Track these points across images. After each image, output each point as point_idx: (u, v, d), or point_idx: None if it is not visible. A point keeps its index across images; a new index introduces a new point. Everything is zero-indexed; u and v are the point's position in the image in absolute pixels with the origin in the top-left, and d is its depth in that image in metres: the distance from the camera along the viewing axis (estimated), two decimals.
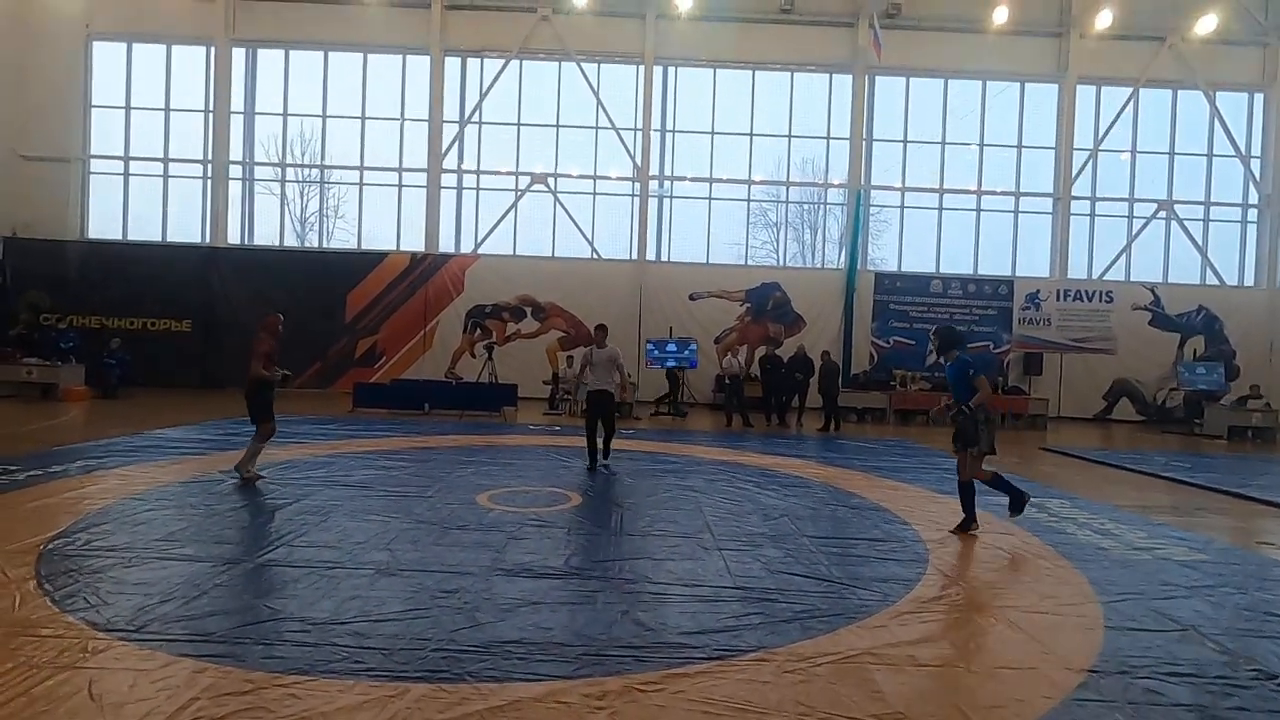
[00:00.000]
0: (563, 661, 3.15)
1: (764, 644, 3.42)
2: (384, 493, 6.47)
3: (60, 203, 17.55)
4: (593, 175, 18.23)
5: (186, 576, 4.06)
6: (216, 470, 7.18)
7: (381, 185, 18.32)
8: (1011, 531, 5.83)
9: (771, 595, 4.11)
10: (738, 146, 18.35)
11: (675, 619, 3.71)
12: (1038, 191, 18.34)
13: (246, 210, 18.33)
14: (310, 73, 18.12)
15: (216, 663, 3.01)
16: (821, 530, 5.74)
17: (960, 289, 17.70)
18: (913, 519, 6.19)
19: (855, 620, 3.78)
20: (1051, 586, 4.47)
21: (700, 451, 9.87)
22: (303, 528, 5.21)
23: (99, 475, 6.72)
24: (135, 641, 3.19)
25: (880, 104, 18.36)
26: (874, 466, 9.08)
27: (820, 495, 7.17)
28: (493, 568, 4.43)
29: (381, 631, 3.41)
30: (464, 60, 18.13)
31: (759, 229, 18.91)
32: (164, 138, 18.03)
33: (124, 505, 5.63)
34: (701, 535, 5.40)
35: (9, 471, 6.63)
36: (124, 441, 8.75)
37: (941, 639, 3.56)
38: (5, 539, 4.60)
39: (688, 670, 3.11)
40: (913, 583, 4.43)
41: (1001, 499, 6.16)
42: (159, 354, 16.63)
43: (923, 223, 18.60)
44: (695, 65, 18.12)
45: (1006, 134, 18.33)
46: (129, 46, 17.93)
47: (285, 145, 18.38)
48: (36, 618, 3.40)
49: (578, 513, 6.04)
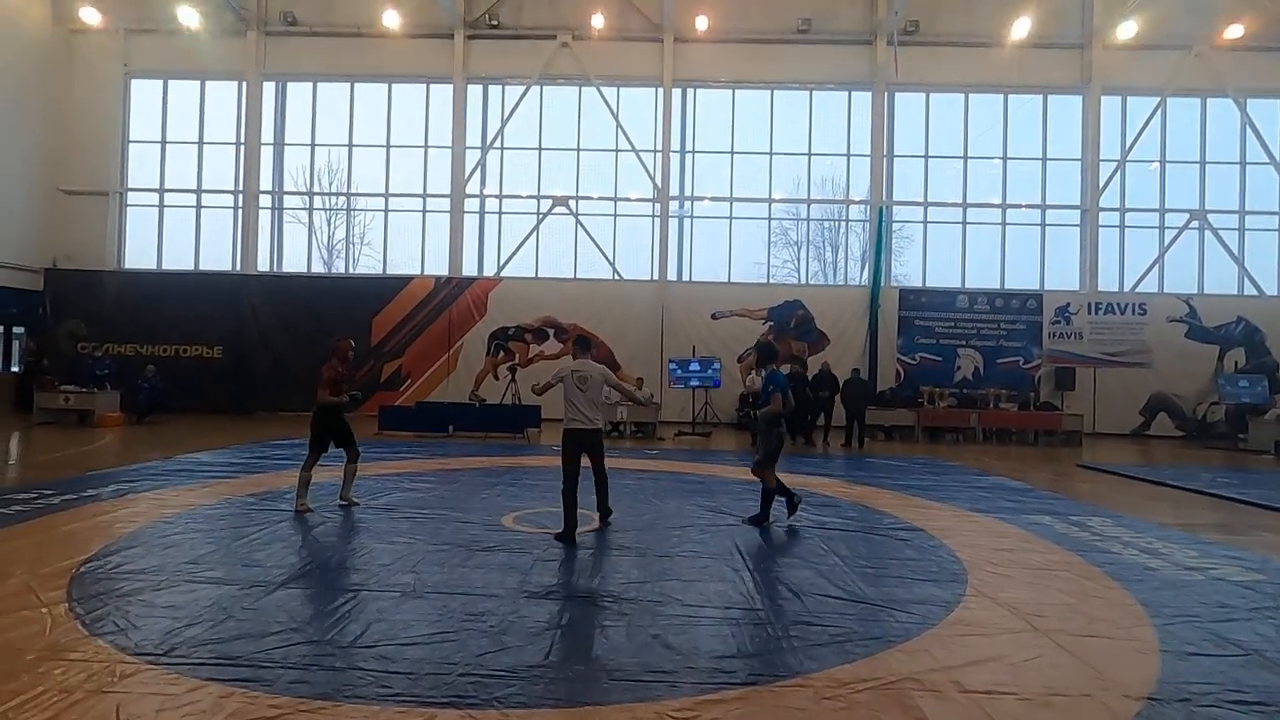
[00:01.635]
0: (593, 687, 3.07)
1: (800, 668, 3.30)
2: (410, 515, 6.44)
3: (98, 234, 18.11)
4: (613, 197, 18.36)
5: (214, 599, 4.05)
6: (244, 493, 7.22)
7: (406, 211, 18.63)
8: (1054, 551, 5.63)
9: (805, 618, 3.98)
10: (757, 166, 18.37)
11: (707, 643, 3.60)
12: (1064, 204, 18.06)
13: (276, 238, 18.73)
14: (337, 104, 18.58)
15: (243, 687, 2.98)
16: (854, 550, 5.59)
17: (987, 303, 17.40)
18: (948, 538, 5.99)
19: (894, 644, 3.63)
20: (1100, 608, 4.28)
21: (725, 471, 9.72)
22: (329, 550, 5.20)
23: (131, 499, 6.80)
24: (163, 665, 3.17)
25: (900, 120, 18.30)
26: (904, 485, 8.87)
27: (850, 514, 7.00)
28: (520, 590, 4.36)
29: (407, 655, 3.35)
30: (486, 87, 18.47)
31: (780, 247, 18.84)
32: (197, 170, 18.57)
33: (154, 528, 5.67)
34: (730, 556, 5.28)
35: (45, 496, 6.74)
36: (156, 465, 8.87)
37: (987, 663, 3.40)
38: (39, 562, 4.64)
39: (722, 696, 3.00)
40: (952, 604, 4.27)
41: (1041, 518, 5.98)
42: (191, 380, 16.94)
43: (947, 238, 18.39)
44: (714, 86, 18.26)
45: (1030, 147, 18.14)
46: (165, 84, 18.57)
47: (313, 174, 18.81)
48: (67, 641, 3.41)
49: (604, 534, 5.95)
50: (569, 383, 5.77)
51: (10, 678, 3.00)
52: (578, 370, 5.81)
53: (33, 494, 6.81)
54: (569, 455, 5.80)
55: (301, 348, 17.39)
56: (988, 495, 8.25)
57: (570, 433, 5.83)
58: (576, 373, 5.80)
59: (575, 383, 5.76)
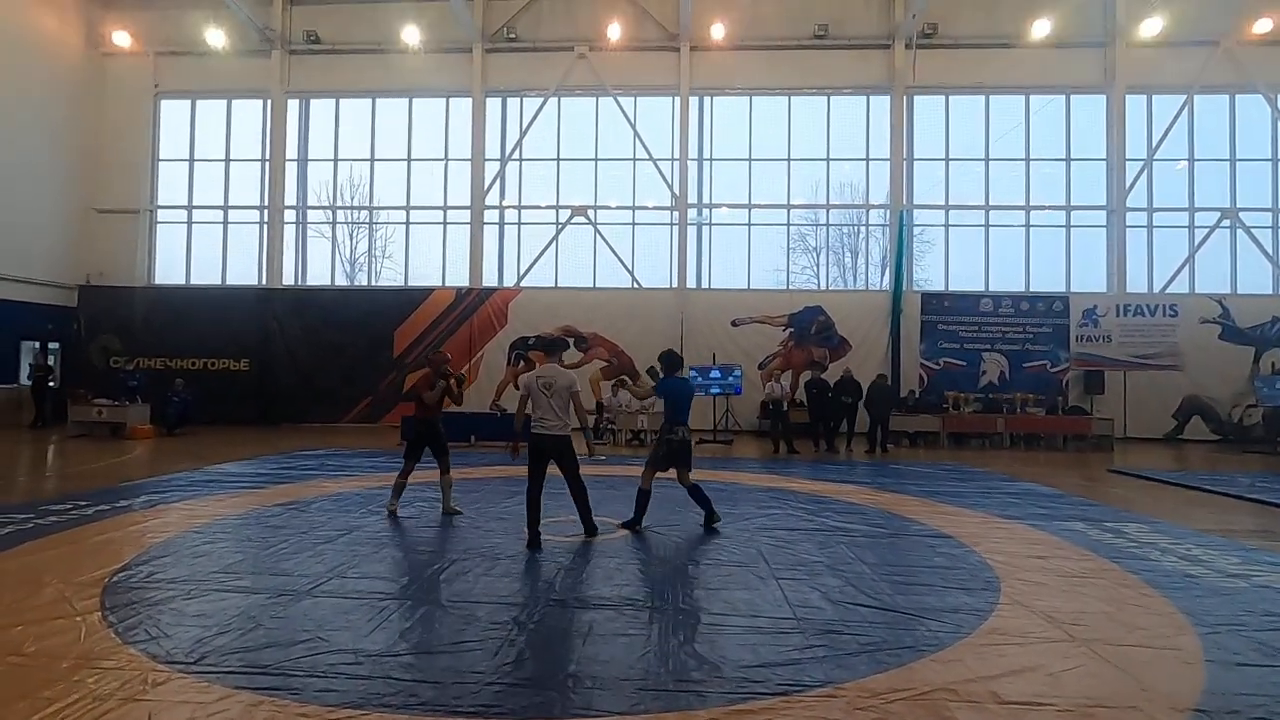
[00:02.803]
0: (619, 696, 3.03)
1: (830, 678, 3.24)
2: (434, 524, 6.47)
3: (129, 252, 18.54)
4: (631, 206, 18.41)
5: (243, 608, 4.09)
6: (272, 503, 7.30)
7: (427, 223, 18.83)
8: (1089, 558, 5.48)
9: (834, 627, 3.91)
10: (775, 172, 18.31)
11: (734, 651, 3.55)
12: (1090, 205, 17.76)
13: (300, 252, 19.04)
14: (359, 119, 18.89)
15: (271, 695, 2.99)
16: (882, 558, 5.49)
17: (1012, 306, 17.13)
18: (978, 545, 5.87)
19: (927, 653, 3.55)
20: (1140, 616, 4.15)
21: (748, 479, 9.65)
22: (355, 559, 5.23)
23: (162, 509, 6.90)
24: (194, 674, 3.19)
25: (920, 123, 18.15)
26: (931, 491, 8.72)
27: (877, 521, 6.89)
28: (545, 599, 4.35)
29: (434, 664, 3.35)
30: (504, 100, 18.67)
31: (799, 254, 18.73)
32: (224, 186, 18.97)
33: (185, 538, 5.75)
34: (755, 564, 5.22)
35: (79, 507, 6.87)
36: (186, 476, 9.01)
37: (1024, 674, 3.31)
38: (74, 572, 4.72)
39: (751, 706, 2.95)
40: (986, 613, 4.17)
41: (1074, 525, 5.84)
42: (219, 392, 17.24)
43: (969, 241, 18.16)
44: (730, 94, 18.27)
45: (1053, 147, 17.88)
46: (193, 103, 19.02)
47: (336, 189, 19.12)
48: (100, 649, 3.45)
49: (628, 542, 5.92)
50: (535, 389, 5.75)
51: (46, 685, 3.05)
52: (543, 377, 5.80)
53: (68, 505, 6.95)
54: (533, 460, 5.76)
55: (326, 360, 17.67)
56: (1017, 501, 8.08)
57: (534, 437, 5.77)
58: (541, 378, 5.79)
59: (540, 389, 5.75)
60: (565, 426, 5.76)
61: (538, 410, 5.74)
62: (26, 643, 3.50)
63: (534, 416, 5.77)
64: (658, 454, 6.48)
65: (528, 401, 5.83)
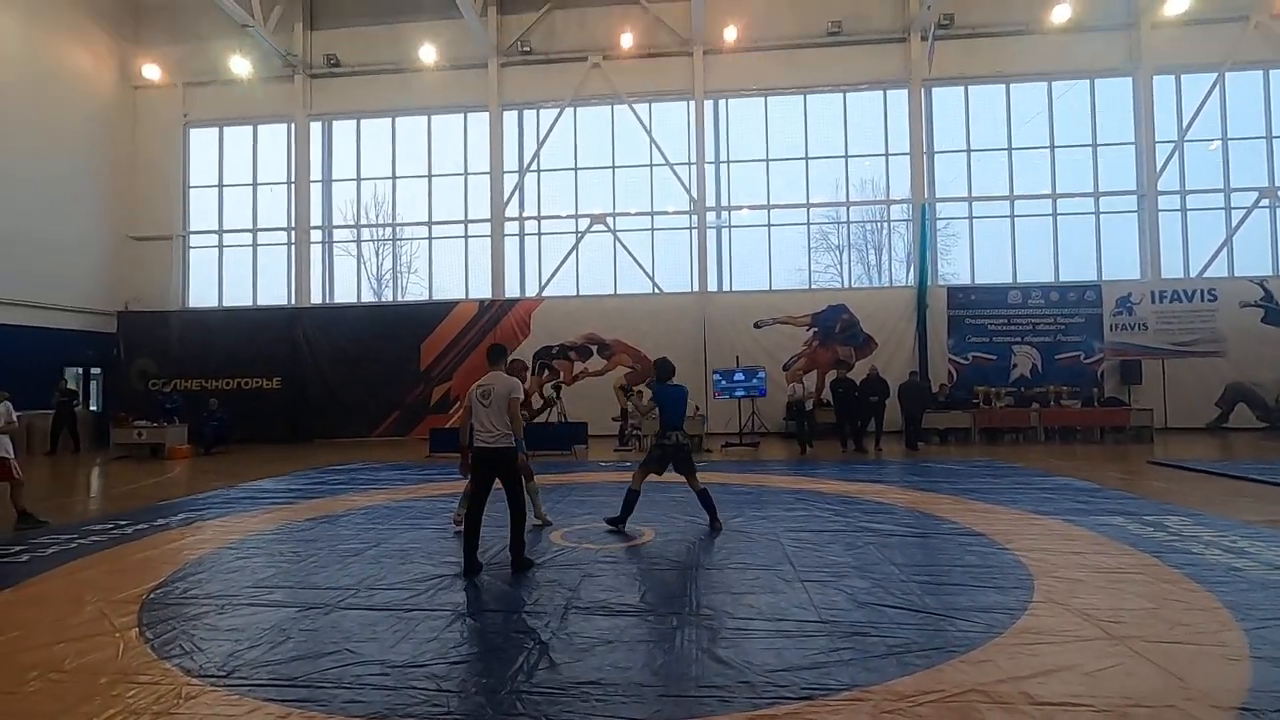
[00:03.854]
0: (642, 703, 3.01)
1: (857, 681, 3.18)
2: (460, 534, 6.50)
3: (164, 277, 19.12)
4: (650, 212, 18.45)
5: (274, 622, 4.16)
6: (303, 518, 7.43)
7: (449, 238, 19.09)
8: (1128, 553, 5.32)
9: (862, 629, 3.85)
10: (794, 171, 18.21)
11: (759, 656, 3.51)
12: (1119, 190, 17.32)
13: (327, 271, 19.43)
14: (380, 138, 19.25)
15: (300, 707, 3.03)
16: (911, 558, 5.40)
17: (1042, 297, 16.76)
18: (1012, 543, 5.73)
19: (957, 654, 3.47)
20: (1181, 613, 4.01)
21: (775, 481, 9.56)
22: (383, 571, 5.29)
23: (198, 527, 7.07)
24: (225, 687, 3.26)
25: (939, 115, 17.90)
26: (963, 489, 8.55)
27: (906, 521, 6.77)
28: (568, 606, 4.35)
29: (458, 674, 3.37)
30: (520, 112, 18.87)
31: (820, 252, 18.57)
32: (252, 210, 19.46)
33: (219, 555, 5.88)
34: (781, 567, 5.16)
35: (120, 526, 7.07)
36: (221, 494, 9.23)
37: (1059, 673, 3.22)
38: (113, 590, 4.86)
39: (775, 711, 2.91)
40: (1018, 611, 4.07)
41: (1113, 519, 5.68)
42: (253, 411, 17.63)
43: (994, 233, 17.83)
44: (745, 95, 18.22)
45: (1079, 133, 17.49)
46: (220, 130, 19.58)
47: (360, 208, 19.49)
48: (137, 665, 3.54)
49: (652, 548, 5.90)
50: (473, 400, 5.32)
51: (85, 700, 3.13)
52: (481, 385, 5.35)
53: (109, 524, 7.16)
54: (474, 477, 5.32)
55: (354, 375, 17.98)
56: (1053, 496, 7.88)
57: (476, 450, 5.27)
58: (480, 387, 5.34)
59: (478, 399, 5.29)
60: (507, 438, 5.23)
61: (476, 422, 5.26)
62: (67, 659, 3.61)
63: (475, 428, 5.29)
64: (651, 457, 6.62)
65: (469, 413, 5.33)
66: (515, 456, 5.29)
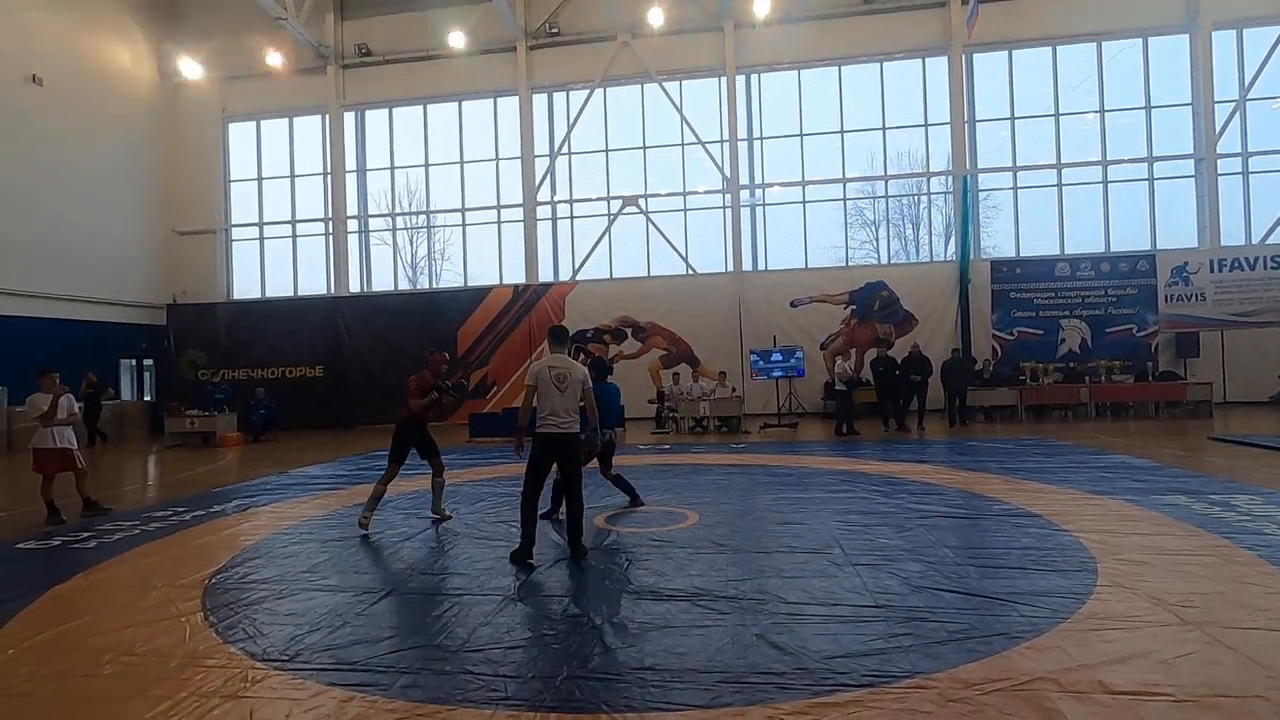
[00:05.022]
0: (700, 689, 2.98)
1: (918, 668, 3.10)
2: (505, 519, 6.56)
3: (209, 270, 19.63)
4: (683, 192, 18.23)
5: (330, 607, 4.24)
6: (351, 504, 7.58)
7: (482, 224, 19.17)
8: (1196, 534, 5.10)
9: (919, 614, 3.76)
10: (829, 146, 17.79)
11: (815, 642, 3.45)
12: (1175, 154, 16.52)
13: (364, 260, 19.71)
14: (412, 127, 19.35)
15: (362, 691, 3.08)
16: (965, 540, 5.26)
17: (1091, 269, 16.14)
18: (1070, 525, 5.55)
19: (1022, 640, 3.36)
20: (1259, 597, 3.83)
21: (817, 462, 9.44)
22: (432, 556, 5.36)
23: (252, 513, 7.27)
24: (289, 671, 3.32)
25: (981, 82, 17.26)
26: (1012, 469, 8.32)
27: (957, 502, 6.61)
28: (617, 591, 4.34)
29: (513, 659, 3.39)
30: (550, 95, 18.76)
31: (856, 228, 18.17)
32: (291, 201, 19.80)
33: (274, 540, 6.02)
34: (831, 550, 5.08)
35: (179, 513, 7.31)
36: (272, 480, 9.48)
37: (1132, 661, 3.09)
38: (176, 575, 5.01)
39: (837, 699, 2.85)
40: (1083, 596, 3.93)
41: (1175, 498, 5.46)
42: (297, 399, 18.09)
43: (1040, 203, 17.21)
44: (778, 69, 17.81)
45: (1131, 95, 16.69)
46: (257, 124, 19.90)
47: (394, 197, 19.68)
48: (204, 649, 3.64)
49: (697, 531, 5.86)
50: (546, 382, 5.02)
51: (156, 683, 3.23)
52: (555, 368, 5.07)
53: (168, 511, 7.41)
54: (535, 462, 5.09)
55: (393, 362, 18.24)
56: (1109, 475, 7.62)
57: (541, 436, 5.02)
58: (554, 369, 5.06)
59: (553, 381, 5.01)
60: (576, 424, 5.09)
61: (546, 406, 5.01)
62: (138, 643, 3.73)
63: (541, 412, 5.04)
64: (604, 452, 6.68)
65: (534, 394, 5.06)
66: (579, 442, 5.17)
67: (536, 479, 5.12)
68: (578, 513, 5.21)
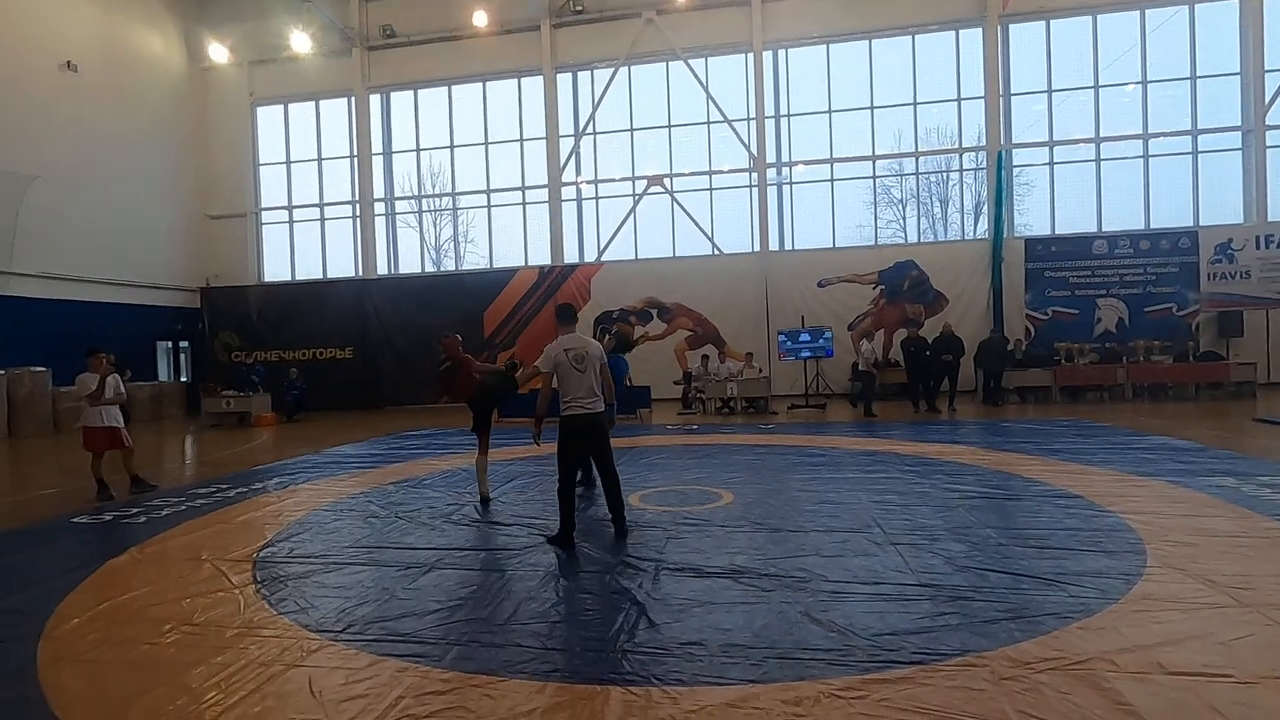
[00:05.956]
0: (748, 665, 3.00)
1: (968, 647, 3.08)
2: (539, 497, 6.63)
3: (240, 253, 19.92)
4: (708, 171, 18.04)
5: (376, 580, 4.33)
6: (388, 481, 7.71)
7: (507, 205, 19.17)
8: (1247, 516, 4.99)
9: (965, 593, 3.73)
10: (857, 123, 17.44)
11: (861, 619, 3.44)
12: (1221, 126, 15.93)
13: (391, 243, 19.85)
14: (436, 108, 19.34)
15: (414, 662, 3.14)
16: (1006, 521, 5.20)
17: (1130, 246, 15.70)
18: (1114, 505, 5.45)
19: (1072, 620, 3.32)
20: None
21: (849, 443, 9.37)
22: (471, 532, 5.44)
23: (293, 490, 7.43)
24: (342, 641, 3.41)
25: (1017, 54, 16.75)
26: (1050, 450, 8.18)
27: (994, 483, 6.52)
28: (657, 568, 4.36)
29: (560, 633, 3.43)
30: (574, 74, 18.61)
31: (883, 206, 17.83)
32: (318, 184, 19.96)
33: (316, 516, 6.15)
34: (870, 529, 5.05)
35: (221, 490, 7.50)
36: (309, 459, 9.66)
37: (1189, 642, 3.04)
38: (225, 549, 5.15)
39: (887, 675, 2.85)
40: (1134, 577, 3.87)
41: (1222, 480, 5.33)
42: (328, 380, 18.37)
43: (1076, 179, 16.74)
44: (806, 44, 17.45)
45: (1176, 65, 16.09)
46: (285, 108, 20.03)
47: (420, 179, 19.74)
48: (259, 619, 3.74)
49: (732, 510, 5.87)
50: (564, 364, 4.88)
51: (217, 652, 3.33)
52: (571, 348, 4.91)
53: (212, 488, 7.60)
54: (569, 448, 4.96)
55: (421, 344, 18.43)
56: (1152, 457, 7.46)
57: (570, 420, 4.91)
58: (571, 350, 4.90)
59: (572, 362, 4.87)
60: (600, 403, 4.98)
61: (569, 388, 4.89)
62: (195, 613, 3.84)
63: (564, 396, 4.92)
64: None
65: (553, 378, 4.93)
66: (605, 421, 5.10)
67: (571, 465, 5.03)
68: (616, 489, 5.17)
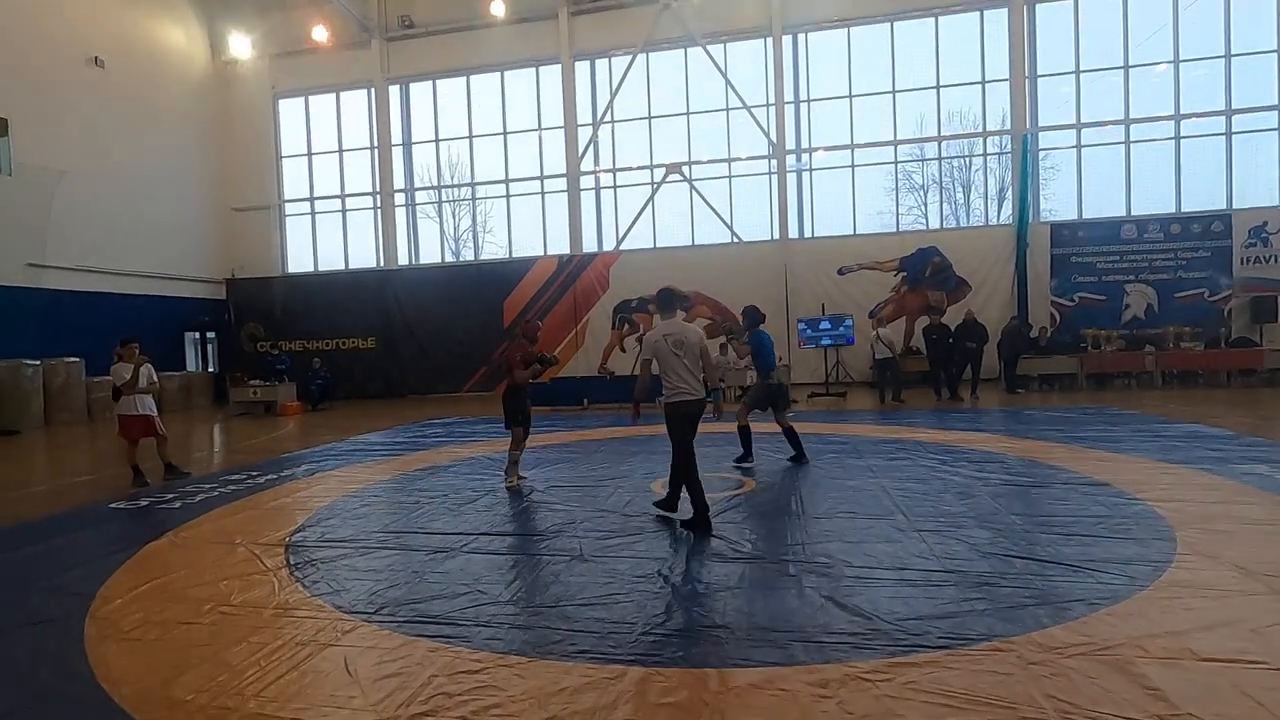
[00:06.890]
0: (775, 648, 3.03)
1: (995, 632, 3.08)
2: (562, 484, 6.70)
3: (264, 245, 20.19)
4: (727, 158, 17.92)
5: (405, 564, 4.42)
6: (413, 469, 7.83)
7: (526, 194, 19.21)
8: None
9: (991, 579, 3.72)
10: (878, 108, 17.20)
11: (885, 604, 3.45)
12: (1257, 106, 15.49)
13: (411, 233, 20.00)
14: (455, 98, 19.39)
15: (446, 643, 3.22)
16: (1032, 508, 5.16)
17: (1160, 231, 15.35)
18: (1142, 492, 5.39)
19: (1100, 606, 3.31)
20: None
21: (869, 430, 9.34)
22: (497, 518, 5.52)
23: (320, 477, 7.57)
24: (375, 623, 3.49)
25: (1044, 35, 16.39)
26: (1075, 437, 8.09)
27: (1019, 470, 6.47)
28: (681, 553, 4.41)
29: (588, 615, 3.48)
30: (592, 62, 18.54)
31: (903, 193, 17.60)
32: (340, 176, 20.15)
33: (345, 502, 6.27)
34: (893, 516, 5.05)
35: (252, 476, 7.67)
36: (335, 447, 9.83)
37: (1221, 629, 3.01)
38: (257, 534, 5.28)
39: (913, 659, 2.86)
40: (1163, 564, 3.83)
41: (1255, 468, 5.23)
42: (351, 369, 18.64)
43: (1104, 163, 16.39)
44: (827, 27, 17.21)
45: (1210, 44, 15.64)
46: (306, 100, 20.21)
47: (439, 169, 19.84)
48: (294, 601, 3.84)
49: (755, 497, 5.89)
50: (664, 351, 4.87)
51: (255, 631, 3.43)
52: (671, 334, 4.91)
53: (242, 475, 7.77)
54: (680, 435, 4.91)
55: (442, 333, 18.63)
56: (1181, 445, 7.34)
57: (679, 406, 4.88)
58: (670, 336, 4.89)
59: (672, 348, 4.86)
60: (702, 388, 4.96)
61: (672, 375, 4.87)
62: (232, 595, 3.96)
63: (668, 383, 4.91)
64: (757, 395, 7.37)
65: (651, 365, 4.99)
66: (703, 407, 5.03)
67: (688, 449, 4.93)
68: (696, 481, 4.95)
